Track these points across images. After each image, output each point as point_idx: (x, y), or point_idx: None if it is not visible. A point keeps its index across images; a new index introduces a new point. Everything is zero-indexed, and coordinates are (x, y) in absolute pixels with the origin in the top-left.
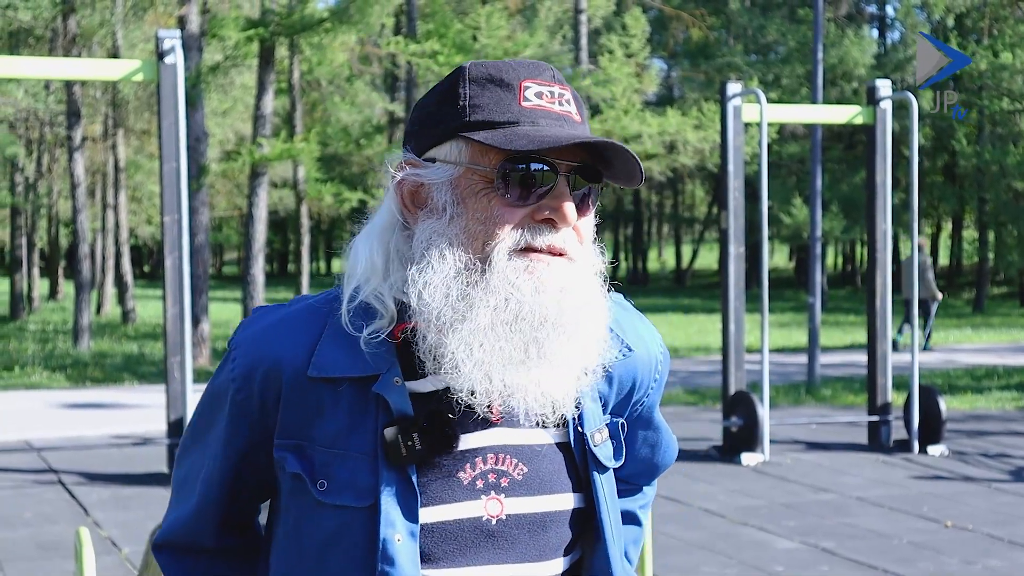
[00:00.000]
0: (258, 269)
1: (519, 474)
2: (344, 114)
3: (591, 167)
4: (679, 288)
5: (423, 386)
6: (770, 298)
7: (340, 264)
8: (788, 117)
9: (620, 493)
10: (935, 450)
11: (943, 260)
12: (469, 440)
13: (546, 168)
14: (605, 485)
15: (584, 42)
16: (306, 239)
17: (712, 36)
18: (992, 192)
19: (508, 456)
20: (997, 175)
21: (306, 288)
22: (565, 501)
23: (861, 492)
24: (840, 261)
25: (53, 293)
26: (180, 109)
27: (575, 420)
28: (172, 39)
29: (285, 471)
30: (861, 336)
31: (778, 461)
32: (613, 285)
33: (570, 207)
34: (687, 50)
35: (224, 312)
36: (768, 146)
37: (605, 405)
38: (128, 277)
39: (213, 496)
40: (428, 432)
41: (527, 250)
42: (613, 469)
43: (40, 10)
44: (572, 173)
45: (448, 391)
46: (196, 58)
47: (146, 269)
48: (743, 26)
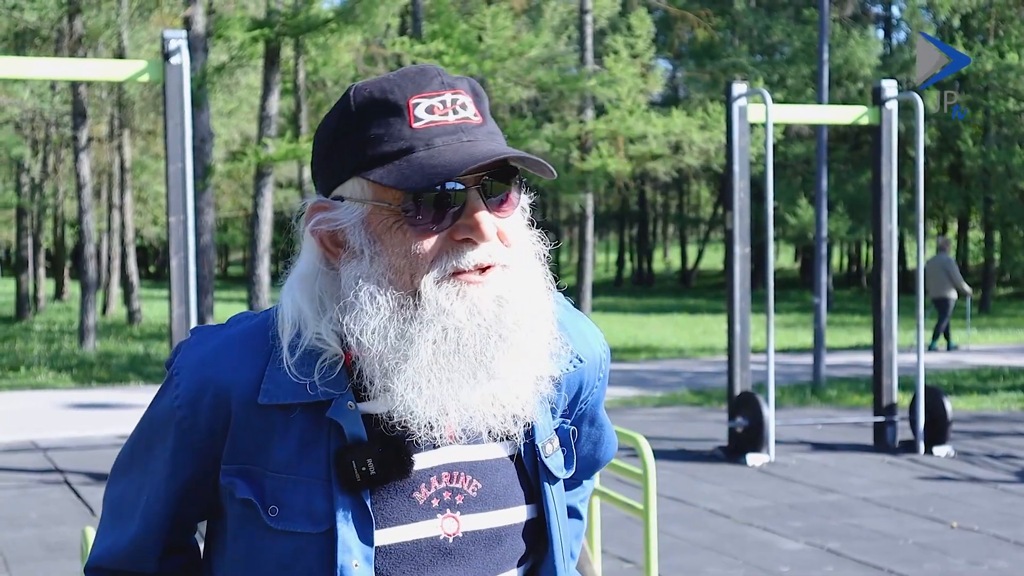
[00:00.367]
0: (263, 269)
1: (473, 490)
2: None
3: (505, 167)
4: (684, 289)
5: (374, 407)
6: (775, 299)
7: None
8: (794, 117)
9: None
10: (941, 451)
11: None
12: (423, 459)
13: (453, 185)
14: (555, 495)
15: (589, 42)
16: None
17: (717, 36)
18: (998, 193)
19: (462, 473)
20: (1003, 176)
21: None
22: (518, 514)
23: (867, 493)
24: (845, 262)
25: (59, 293)
26: (186, 110)
27: (527, 432)
28: (178, 40)
29: (234, 497)
30: (866, 337)
31: (783, 462)
32: (555, 284)
33: (486, 221)
34: (692, 50)
35: (229, 312)
36: (773, 146)
37: (554, 410)
38: (133, 277)
39: (154, 525)
40: (383, 457)
41: (455, 274)
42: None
43: (46, 11)
44: (483, 182)
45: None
46: (202, 59)
47: (151, 270)
48: (748, 26)
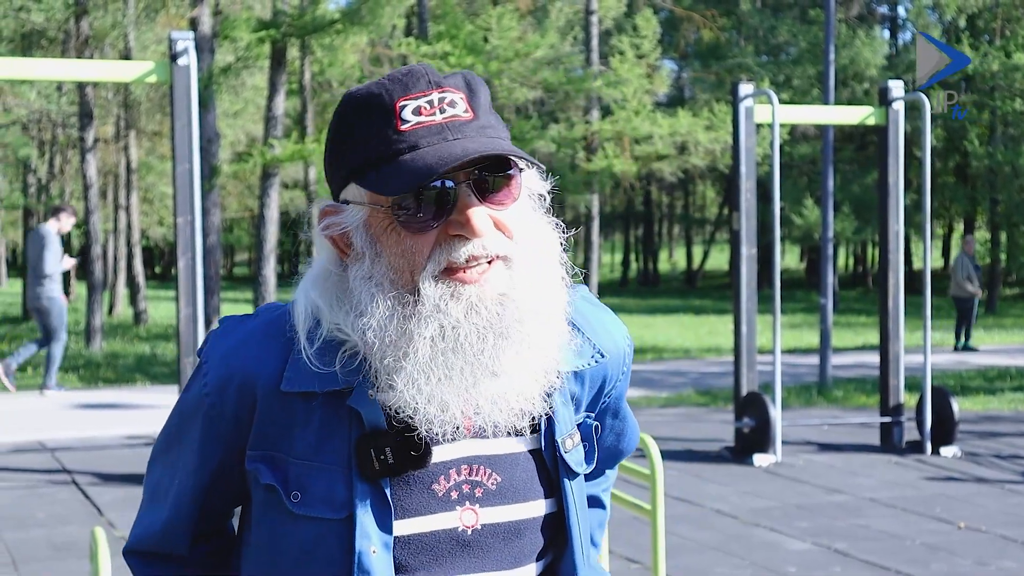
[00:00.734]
0: (269, 270)
1: (493, 484)
2: None
3: (499, 159)
4: (690, 289)
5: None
6: (781, 299)
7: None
8: (800, 118)
9: (584, 478)
10: (948, 451)
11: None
12: (443, 452)
13: (440, 183)
14: (575, 490)
15: (595, 43)
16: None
17: (723, 37)
18: (1004, 193)
19: (482, 466)
20: (1009, 176)
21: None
22: (537, 508)
23: (873, 493)
24: (851, 262)
25: (65, 294)
26: (193, 111)
27: (546, 427)
28: (185, 41)
29: (258, 483)
30: (872, 337)
31: (790, 462)
32: (576, 277)
33: (477, 216)
34: (698, 51)
35: (236, 312)
36: (779, 147)
37: (577, 406)
38: (140, 278)
39: (186, 510)
40: (401, 447)
41: (449, 270)
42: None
43: (53, 12)
44: (475, 175)
45: None
46: (208, 59)
47: (157, 270)
48: (754, 27)
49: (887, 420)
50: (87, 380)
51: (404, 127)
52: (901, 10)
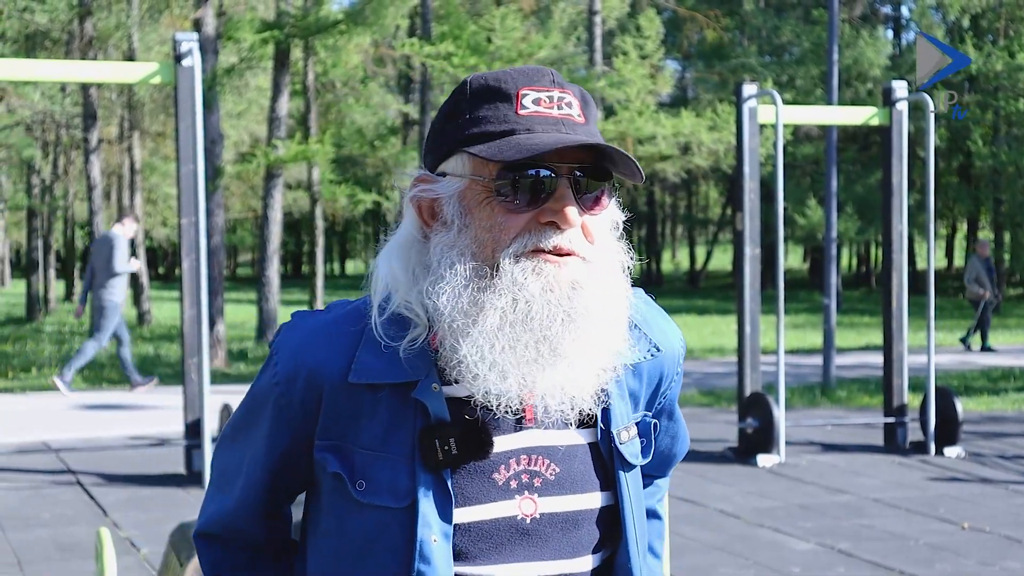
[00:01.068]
0: (273, 271)
1: (551, 474)
2: (359, 116)
3: (598, 167)
4: (693, 289)
5: (458, 391)
6: (785, 299)
7: (365, 279)
8: (804, 118)
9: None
10: (951, 452)
11: (958, 261)
12: (503, 442)
13: (545, 172)
14: (630, 483)
15: (598, 43)
16: (320, 240)
17: (726, 37)
18: (1008, 193)
19: (541, 457)
20: (1013, 176)
21: (320, 290)
22: (594, 500)
23: (877, 493)
24: (855, 262)
25: (69, 295)
26: (197, 112)
27: (602, 419)
28: (189, 42)
29: (326, 471)
30: (876, 337)
31: (794, 462)
32: (635, 282)
33: (571, 209)
34: (701, 51)
35: (239, 314)
36: (783, 147)
37: (635, 402)
38: (143, 279)
39: (254, 493)
40: (464, 438)
41: (535, 252)
42: (640, 466)
43: (57, 13)
44: (575, 175)
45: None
46: (212, 60)
47: (161, 271)
48: (757, 27)
49: (891, 420)
50: (91, 381)
51: (523, 112)
52: (904, 10)
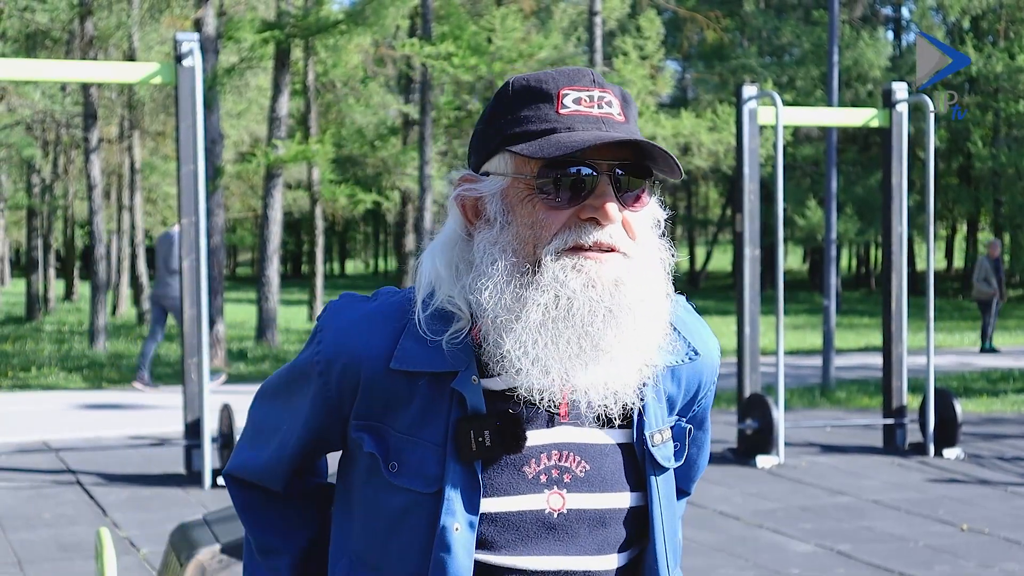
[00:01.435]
0: (273, 270)
1: (581, 471)
2: (359, 116)
3: (639, 164)
4: (693, 290)
5: (495, 384)
6: (784, 300)
7: (412, 273)
8: (804, 120)
9: None
10: (951, 453)
11: (958, 262)
12: (536, 436)
13: (586, 170)
14: (661, 486)
15: (599, 44)
16: (320, 240)
17: (726, 38)
18: (1008, 194)
19: (572, 453)
20: (1013, 177)
21: (320, 289)
22: (623, 500)
23: (877, 495)
24: (854, 263)
25: (68, 294)
26: (198, 112)
27: (638, 420)
28: (190, 42)
29: (362, 449)
30: (875, 339)
31: (793, 464)
32: (676, 288)
33: (612, 205)
34: (701, 52)
35: (239, 314)
36: (783, 148)
37: (672, 406)
38: (143, 278)
39: (287, 456)
40: (499, 431)
41: (576, 249)
42: (673, 469)
43: (57, 12)
44: (616, 172)
45: (518, 390)
46: (212, 60)
47: None
48: (758, 28)
49: (890, 422)
50: (91, 380)
51: (564, 111)
52: (905, 11)
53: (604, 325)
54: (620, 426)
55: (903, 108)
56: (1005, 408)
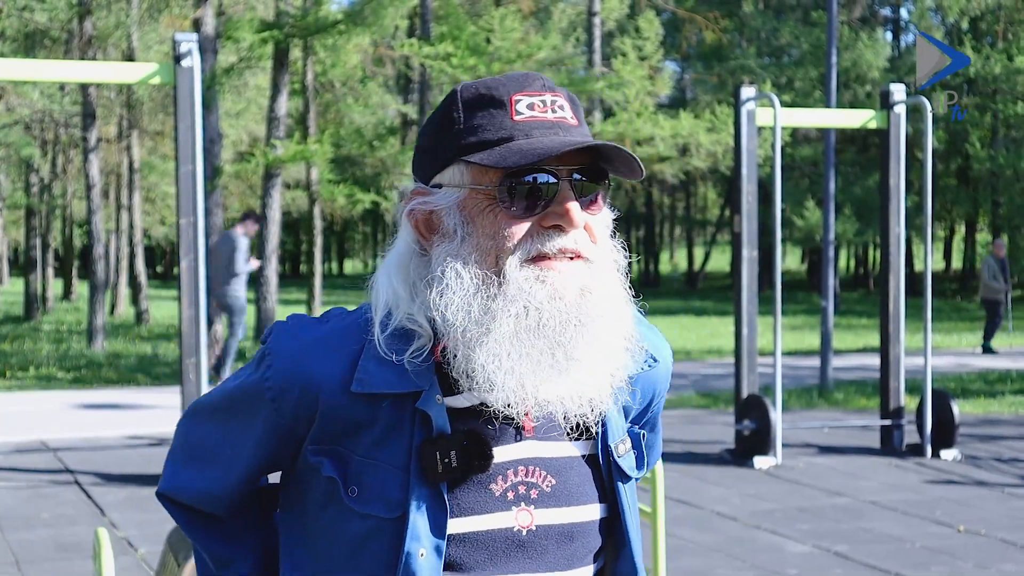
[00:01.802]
0: (271, 270)
1: (548, 486)
2: (357, 116)
3: (594, 167)
4: (691, 290)
5: (459, 402)
6: (782, 301)
7: (365, 282)
8: (802, 121)
9: None
10: (948, 454)
11: (956, 263)
12: (502, 452)
13: (546, 177)
14: (628, 494)
15: (598, 44)
16: (319, 240)
17: (725, 39)
18: (1006, 195)
19: (538, 468)
20: (1011, 179)
21: (319, 289)
22: (591, 512)
23: (874, 496)
24: (853, 264)
25: (67, 293)
26: (197, 112)
27: (602, 431)
28: (189, 42)
29: (320, 474)
30: (873, 339)
31: (791, 465)
32: (632, 283)
33: (575, 209)
34: (700, 52)
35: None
36: (781, 149)
37: (627, 415)
38: (142, 278)
39: (232, 483)
40: (465, 451)
41: (539, 258)
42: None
43: (56, 12)
44: (574, 177)
45: (483, 406)
46: (211, 60)
47: (159, 270)
48: (756, 29)
49: (887, 423)
50: (89, 380)
51: (519, 117)
52: (904, 12)
53: (576, 334)
54: (583, 438)
55: (901, 109)
56: (1002, 409)
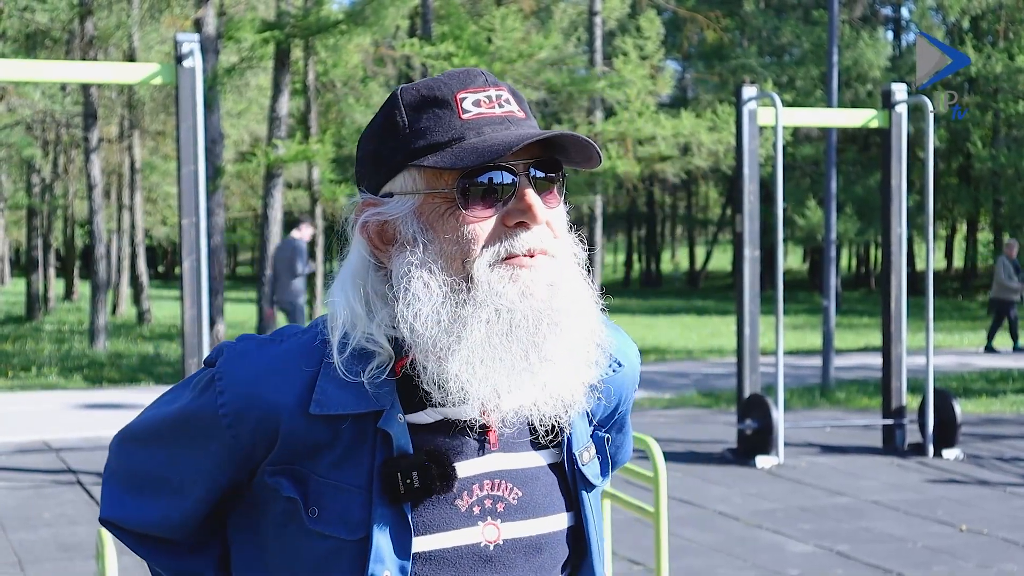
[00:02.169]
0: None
1: (514, 498)
2: (359, 115)
3: (549, 160)
4: (693, 290)
5: (421, 418)
6: (784, 300)
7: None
8: (804, 121)
9: None
10: (950, 454)
11: (958, 262)
12: (467, 467)
13: (504, 173)
14: (592, 502)
15: (599, 44)
16: (320, 240)
17: (726, 38)
18: (1007, 194)
19: (504, 481)
20: (1012, 178)
21: (320, 289)
22: (558, 522)
23: (876, 496)
24: (854, 263)
25: (69, 294)
26: (198, 112)
27: (567, 439)
28: (191, 43)
29: (279, 495)
30: (875, 339)
31: (793, 464)
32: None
33: (538, 203)
34: (701, 52)
35: (239, 313)
36: (782, 148)
37: (591, 420)
38: (143, 278)
39: (188, 512)
40: (427, 470)
41: (508, 258)
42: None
43: (57, 12)
44: (531, 171)
45: (445, 422)
46: (212, 60)
47: (160, 269)
48: (757, 28)
49: (889, 422)
50: (91, 380)
51: (466, 115)
52: (905, 11)
53: (548, 332)
54: (548, 446)
55: (902, 109)
56: (1004, 409)
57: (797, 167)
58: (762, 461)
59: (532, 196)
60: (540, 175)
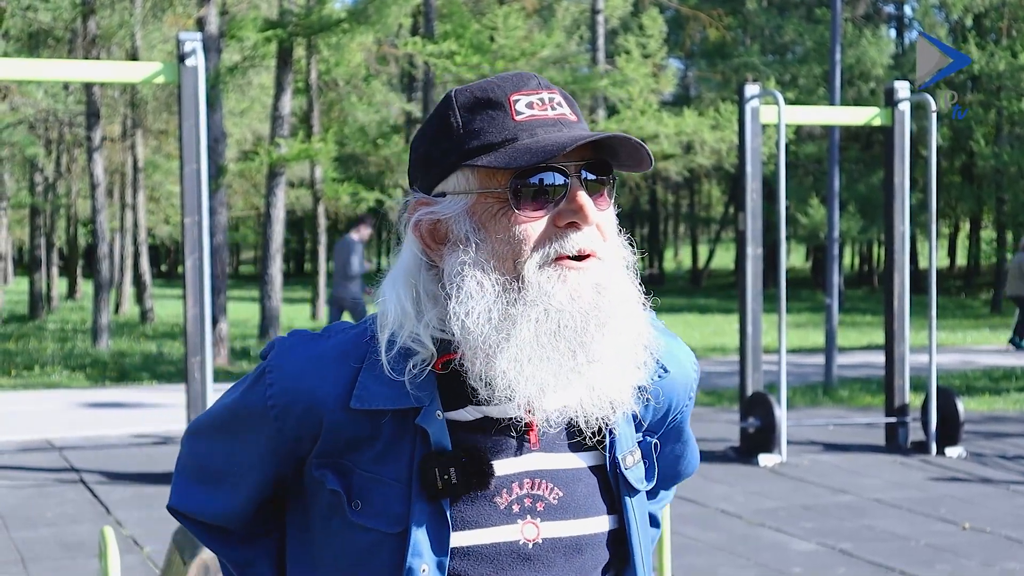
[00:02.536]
0: (275, 269)
1: (555, 498)
2: (361, 114)
3: (600, 162)
4: (695, 288)
5: (461, 416)
6: (787, 298)
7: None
8: (806, 119)
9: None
10: (953, 452)
11: (961, 260)
12: (506, 465)
13: (556, 174)
14: (636, 508)
15: (601, 42)
16: (323, 239)
17: (729, 36)
18: (1010, 192)
19: (544, 481)
20: (1016, 176)
21: (322, 288)
22: (599, 524)
23: (879, 494)
24: (857, 261)
25: (71, 292)
26: (201, 111)
27: (610, 442)
28: (193, 42)
29: (324, 488)
30: (878, 337)
31: (795, 462)
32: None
33: (589, 204)
34: (704, 50)
35: (241, 312)
36: (785, 146)
37: (639, 425)
38: (146, 276)
39: (240, 501)
40: (464, 468)
41: (558, 259)
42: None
43: (60, 11)
44: (583, 173)
45: (486, 420)
46: (215, 59)
47: (163, 268)
48: (760, 26)
49: (892, 420)
50: (94, 379)
51: (520, 117)
52: (907, 9)
53: (596, 332)
54: (589, 449)
55: (905, 107)
56: (1007, 406)
57: (800, 165)
58: (765, 459)
59: (583, 197)
60: (591, 177)
